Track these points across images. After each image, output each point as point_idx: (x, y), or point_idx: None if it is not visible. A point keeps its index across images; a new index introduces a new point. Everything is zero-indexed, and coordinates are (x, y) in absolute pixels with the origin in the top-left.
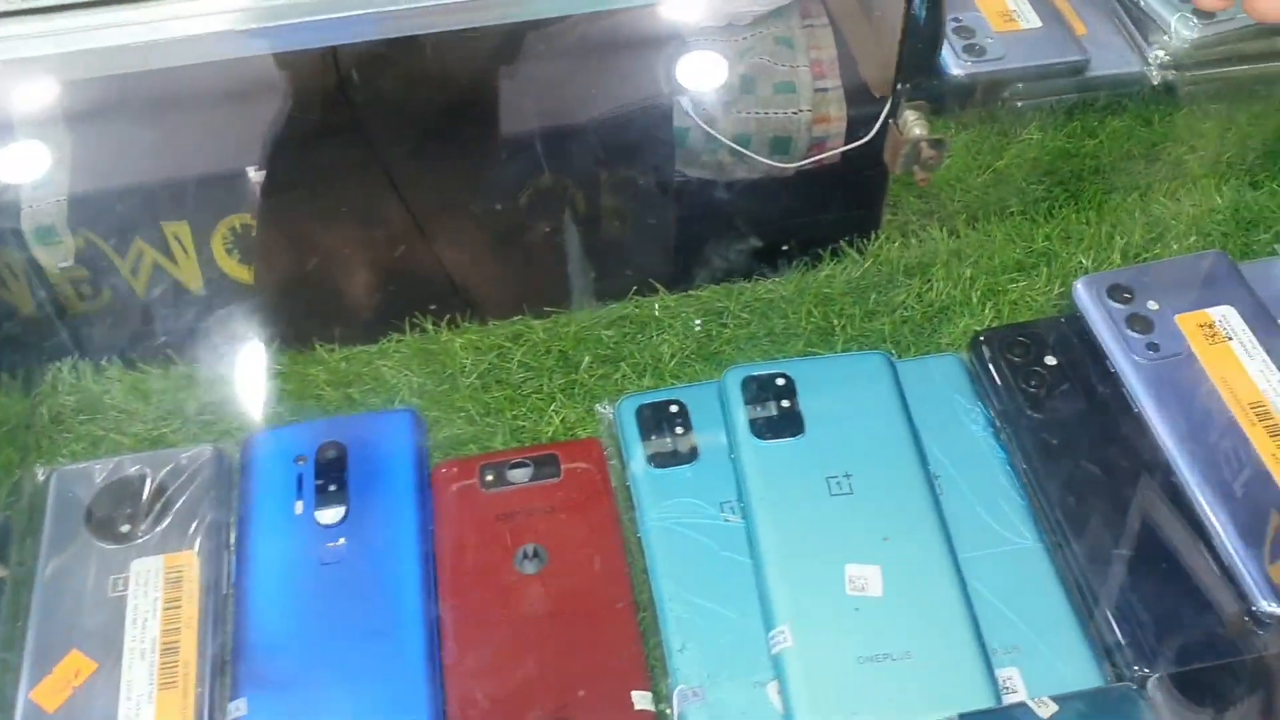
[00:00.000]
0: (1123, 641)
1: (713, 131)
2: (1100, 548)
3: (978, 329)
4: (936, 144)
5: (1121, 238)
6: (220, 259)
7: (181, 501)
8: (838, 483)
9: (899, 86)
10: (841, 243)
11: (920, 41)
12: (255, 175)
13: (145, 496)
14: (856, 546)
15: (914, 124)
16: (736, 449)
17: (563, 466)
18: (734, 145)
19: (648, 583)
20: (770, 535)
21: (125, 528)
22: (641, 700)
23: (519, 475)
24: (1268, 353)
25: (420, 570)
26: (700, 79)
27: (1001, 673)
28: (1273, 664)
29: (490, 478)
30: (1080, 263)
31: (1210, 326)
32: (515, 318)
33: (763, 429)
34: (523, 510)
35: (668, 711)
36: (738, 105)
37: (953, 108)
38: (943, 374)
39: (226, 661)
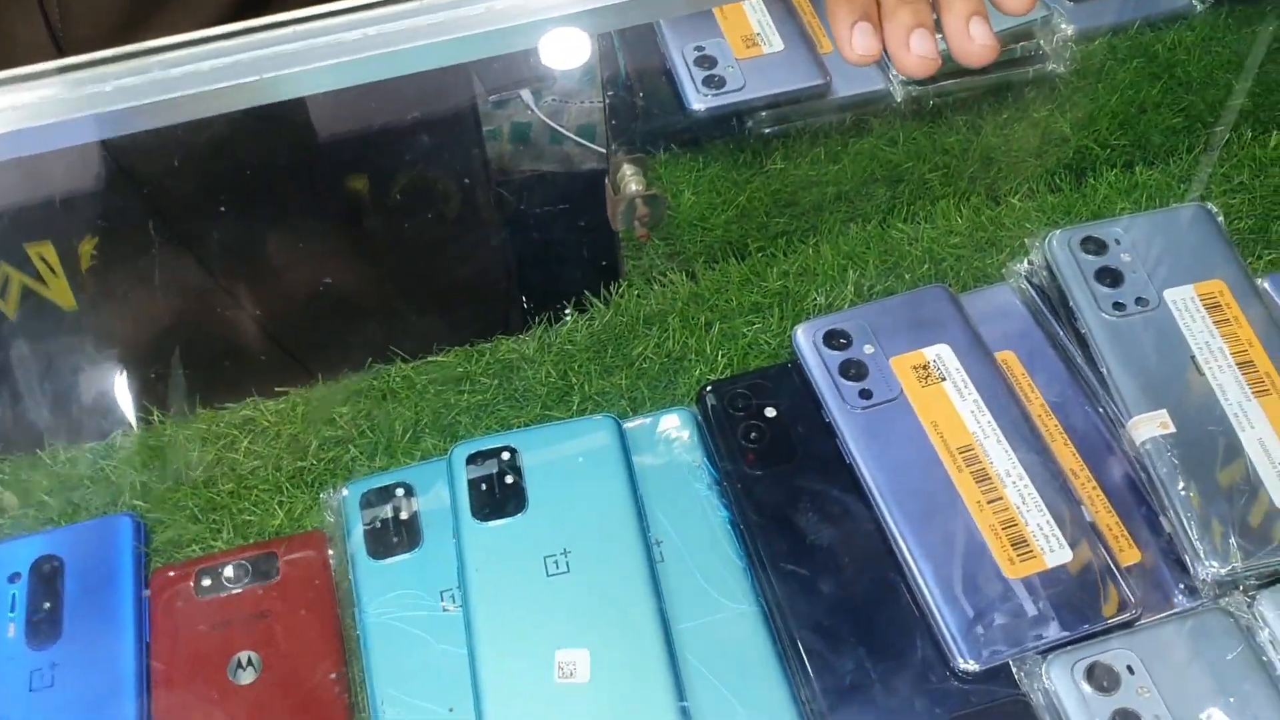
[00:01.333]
0: (825, 713)
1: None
2: (808, 611)
3: (711, 379)
4: (651, 200)
5: (855, 270)
6: None
7: None
8: (555, 562)
9: (611, 146)
10: (586, 293)
11: (621, 99)
12: None
13: None
14: (568, 630)
15: (630, 179)
16: (458, 532)
17: (281, 564)
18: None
19: (366, 684)
20: (483, 624)
21: None
22: None
23: (235, 577)
24: (980, 391)
25: (135, 688)
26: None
27: None
28: None
29: (206, 583)
30: (815, 300)
31: (925, 368)
32: (248, 399)
33: (484, 509)
34: (238, 617)
35: None
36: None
37: (698, 143)
38: (672, 431)
39: None
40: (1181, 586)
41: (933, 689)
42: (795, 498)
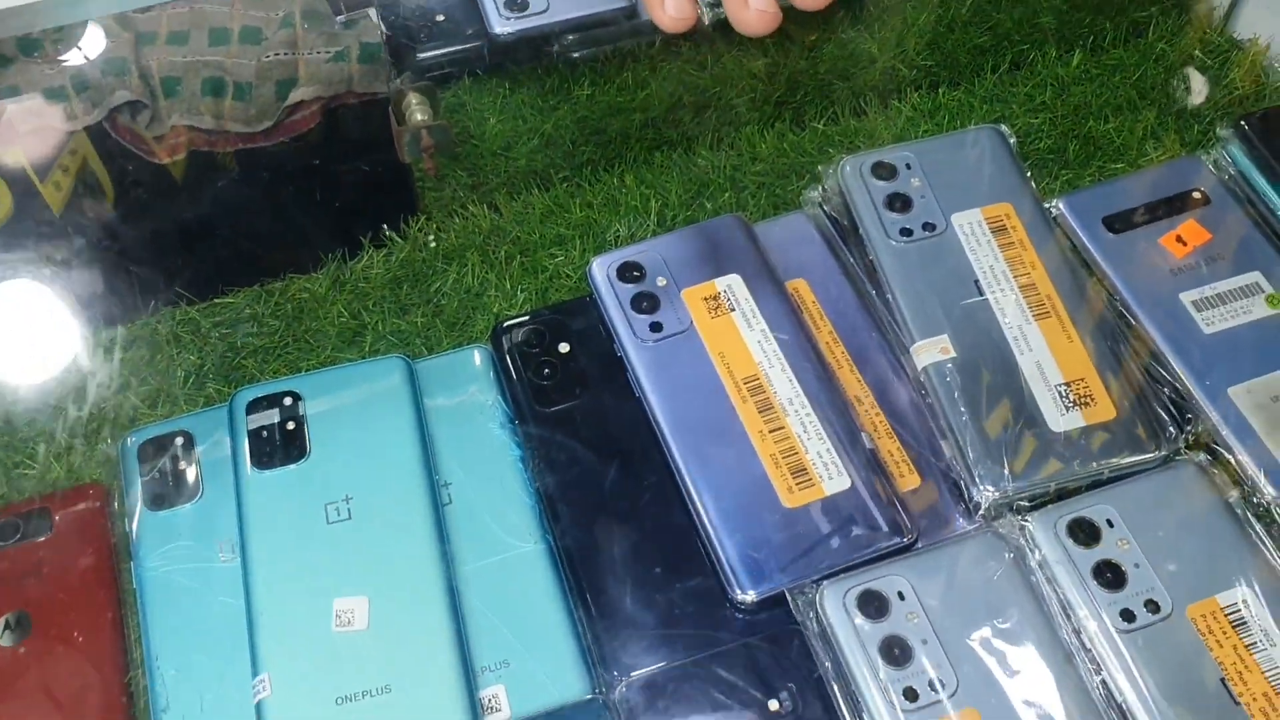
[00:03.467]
0: (602, 646)
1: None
2: (592, 547)
3: (506, 315)
4: (438, 130)
5: (658, 200)
6: None
7: None
8: (337, 509)
9: (393, 74)
10: (384, 228)
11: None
12: None
13: None
14: (348, 578)
15: (415, 109)
16: (237, 481)
17: (56, 519)
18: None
19: (142, 643)
20: (260, 574)
21: None
22: None
23: (6, 534)
24: (768, 321)
25: None
26: None
27: (487, 691)
28: (749, 652)
29: None
30: (617, 231)
31: (715, 298)
32: None
33: (264, 456)
34: (9, 574)
35: None
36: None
37: (502, 69)
38: (465, 371)
39: None
40: (960, 511)
41: (713, 620)
42: (585, 433)
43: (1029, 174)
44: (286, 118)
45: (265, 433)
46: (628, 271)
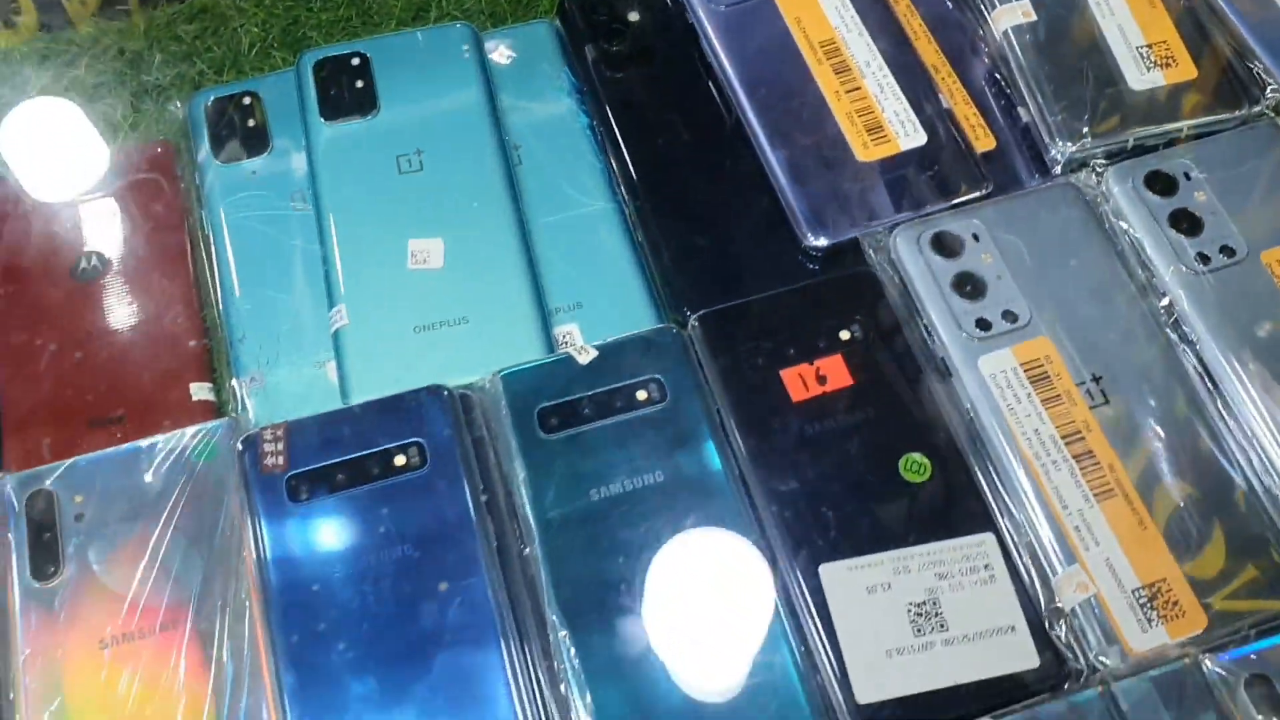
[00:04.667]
0: (673, 286)
1: None
2: (665, 202)
3: None
4: None
5: None
6: None
7: None
8: (408, 160)
9: None
10: None
11: None
12: None
13: None
14: (422, 222)
15: None
16: (307, 133)
17: (128, 170)
18: None
19: (211, 280)
20: (334, 217)
21: None
22: (200, 391)
23: None
24: None
25: None
26: None
27: (561, 328)
28: (819, 289)
29: None
30: None
31: None
32: (90, 17)
33: (333, 110)
34: (84, 218)
35: (230, 401)
36: None
37: None
38: (533, 42)
39: None
40: (1035, 171)
41: (783, 266)
42: (655, 99)
43: None
44: None
45: (334, 88)
46: None
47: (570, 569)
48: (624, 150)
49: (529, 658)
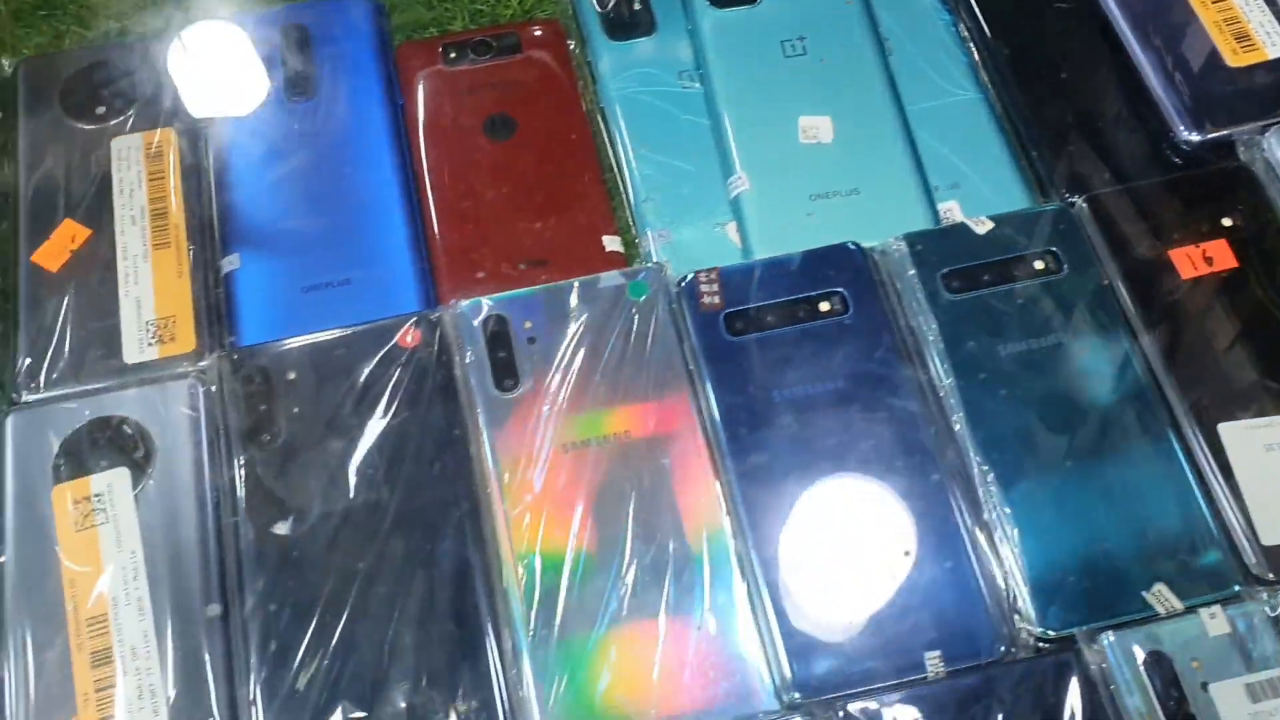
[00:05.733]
0: (1053, 171)
1: None
2: (1036, 93)
3: None
4: None
5: None
6: None
7: (156, 86)
8: (791, 45)
9: None
10: None
11: None
12: None
13: (118, 81)
14: (809, 101)
15: None
16: (693, 17)
17: (523, 45)
18: None
19: (610, 148)
20: (727, 93)
21: (101, 110)
22: (612, 244)
23: (481, 53)
24: None
25: (392, 141)
26: None
27: (942, 205)
28: (1195, 183)
29: (454, 55)
30: None
31: None
32: None
33: None
34: (488, 84)
35: (635, 255)
36: None
37: None
38: None
39: (212, 225)
40: None
41: (1156, 159)
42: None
43: None
44: None
45: None
46: None
47: (987, 415)
48: (992, 47)
49: (954, 487)
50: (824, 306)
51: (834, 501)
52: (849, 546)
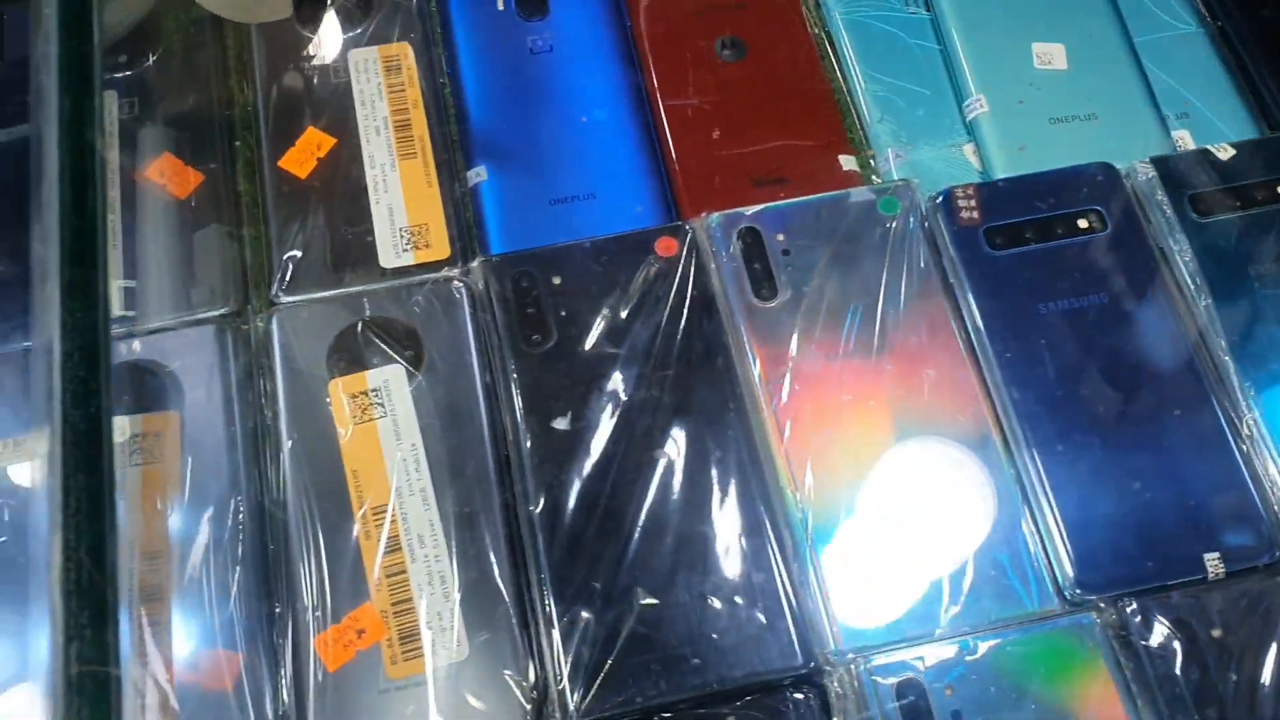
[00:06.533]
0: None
1: None
2: (1267, 22)
3: None
4: None
5: None
6: None
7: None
8: None
9: None
10: None
11: None
12: None
13: None
14: (1042, 27)
15: None
16: None
17: None
18: None
19: (838, 71)
20: (959, 18)
21: (336, 21)
22: (848, 163)
23: None
24: None
25: (626, 61)
26: None
27: (1174, 134)
28: None
29: None
30: None
31: None
32: None
33: None
34: (717, 6)
35: (870, 174)
36: None
37: None
38: None
39: (452, 138)
40: None
41: None
42: None
43: None
44: None
45: None
46: None
47: (1243, 333)
48: None
49: (1220, 398)
50: (1082, 224)
51: (1108, 410)
52: (1122, 450)
